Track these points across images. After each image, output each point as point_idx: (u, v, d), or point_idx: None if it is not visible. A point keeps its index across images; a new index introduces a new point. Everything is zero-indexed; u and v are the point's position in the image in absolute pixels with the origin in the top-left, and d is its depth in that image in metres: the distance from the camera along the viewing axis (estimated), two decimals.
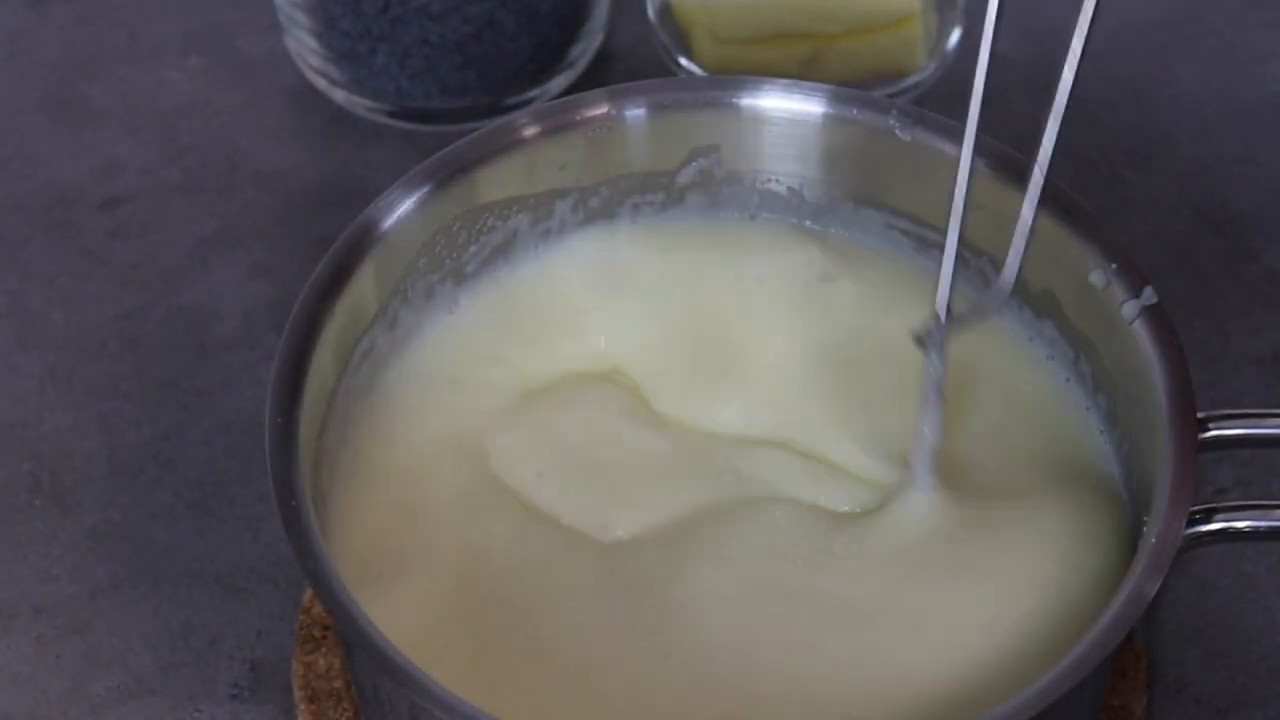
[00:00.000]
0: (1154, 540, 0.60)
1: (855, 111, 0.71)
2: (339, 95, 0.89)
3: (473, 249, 0.72)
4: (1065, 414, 0.69)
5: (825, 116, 0.72)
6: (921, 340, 0.65)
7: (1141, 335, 0.65)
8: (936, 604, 0.64)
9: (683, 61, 0.87)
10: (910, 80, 0.87)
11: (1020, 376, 0.70)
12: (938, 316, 0.64)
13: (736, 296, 0.72)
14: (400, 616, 0.64)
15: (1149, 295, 0.66)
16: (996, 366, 0.70)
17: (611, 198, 0.74)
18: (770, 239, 0.74)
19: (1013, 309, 0.68)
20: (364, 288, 0.68)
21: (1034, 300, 0.70)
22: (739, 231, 0.74)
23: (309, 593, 0.72)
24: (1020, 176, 0.64)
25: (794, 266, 0.73)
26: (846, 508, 0.67)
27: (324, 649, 0.71)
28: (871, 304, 0.72)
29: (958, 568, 0.65)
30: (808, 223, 0.74)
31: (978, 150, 0.70)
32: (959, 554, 0.65)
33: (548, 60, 0.88)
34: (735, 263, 0.73)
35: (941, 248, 0.71)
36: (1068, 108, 0.66)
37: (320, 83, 0.89)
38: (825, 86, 0.72)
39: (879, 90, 0.86)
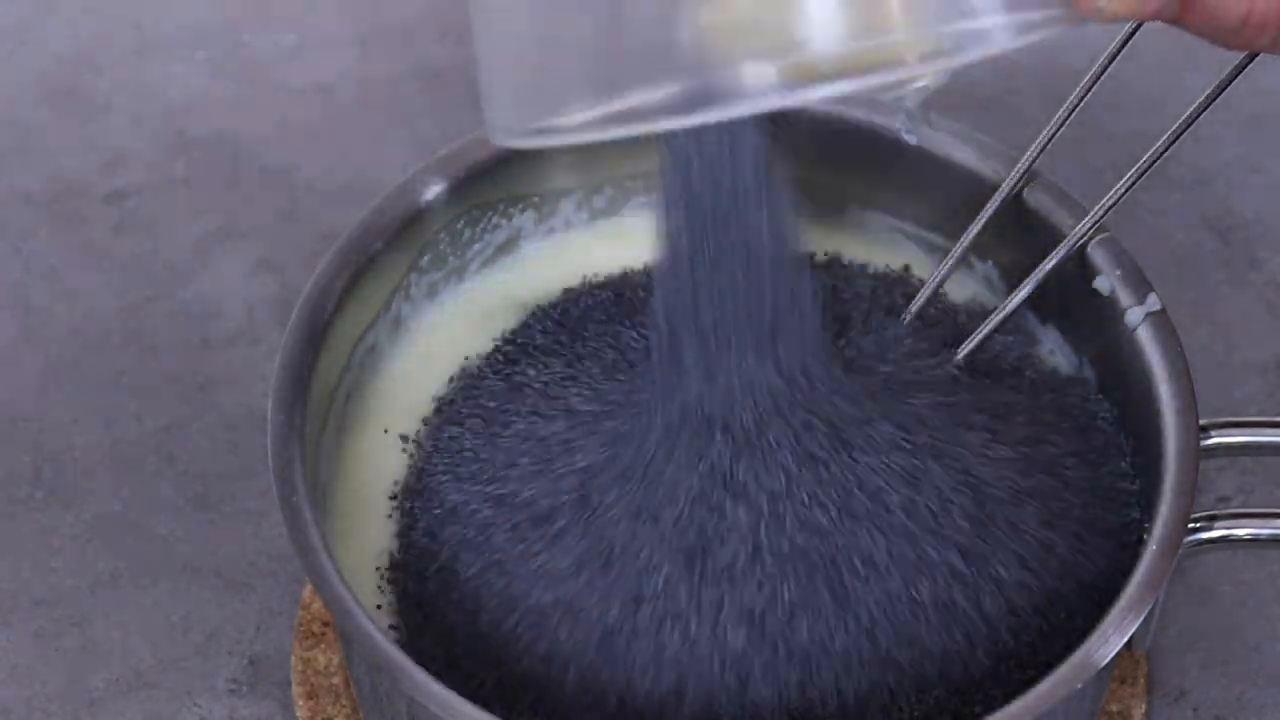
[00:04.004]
0: (1154, 546, 0.60)
1: (862, 113, 0.71)
2: None
3: (476, 246, 0.72)
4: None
5: (832, 118, 0.72)
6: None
7: (1145, 342, 0.65)
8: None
9: None
10: (918, 84, 0.87)
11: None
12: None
13: None
14: (398, 611, 0.64)
15: (1153, 302, 0.66)
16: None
17: (616, 196, 0.74)
18: None
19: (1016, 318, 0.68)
20: (367, 284, 0.68)
21: (1038, 306, 0.70)
22: None
23: (309, 588, 0.72)
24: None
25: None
26: None
27: (323, 645, 0.71)
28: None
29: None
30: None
31: (983, 155, 0.70)
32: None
33: None
34: None
35: (945, 252, 0.71)
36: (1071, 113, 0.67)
37: None
38: None
39: (886, 93, 0.86)
